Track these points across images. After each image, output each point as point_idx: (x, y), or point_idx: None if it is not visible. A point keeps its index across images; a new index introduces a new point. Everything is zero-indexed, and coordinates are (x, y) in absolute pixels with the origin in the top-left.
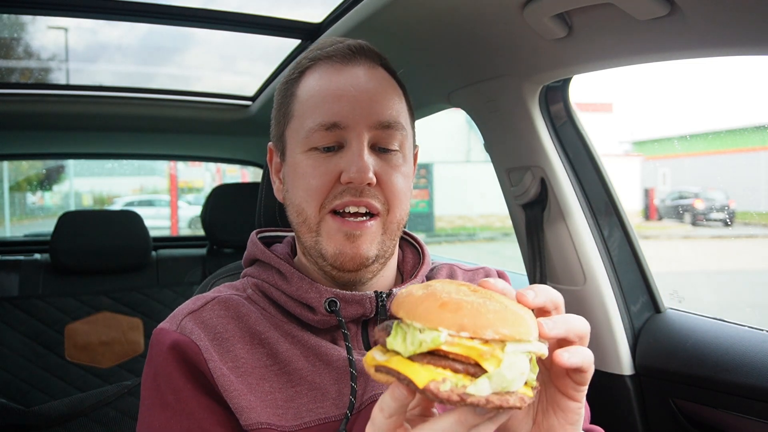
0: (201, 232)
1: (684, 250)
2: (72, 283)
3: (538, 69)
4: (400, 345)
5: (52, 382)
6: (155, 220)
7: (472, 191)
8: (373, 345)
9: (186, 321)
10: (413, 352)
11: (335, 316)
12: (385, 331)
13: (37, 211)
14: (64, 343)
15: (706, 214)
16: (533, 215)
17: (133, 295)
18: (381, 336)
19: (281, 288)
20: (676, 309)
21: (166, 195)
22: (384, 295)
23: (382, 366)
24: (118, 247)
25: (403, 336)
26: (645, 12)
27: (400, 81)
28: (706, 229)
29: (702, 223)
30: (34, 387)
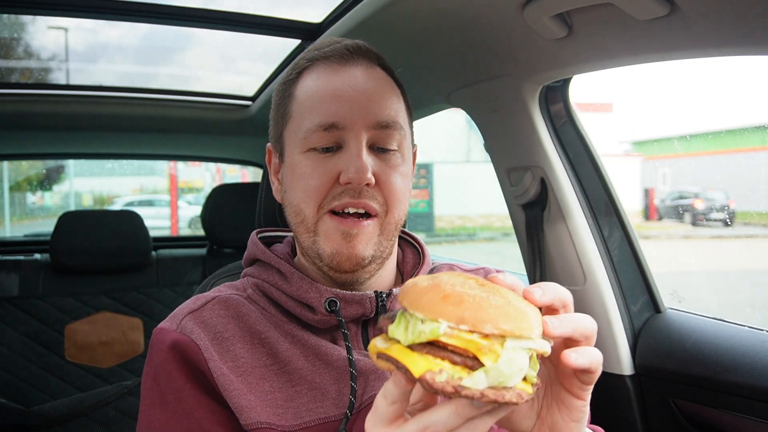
0: (201, 232)
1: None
2: (72, 283)
3: (538, 69)
4: (401, 334)
5: (52, 382)
6: (155, 220)
7: (472, 191)
8: (378, 333)
9: (186, 321)
10: (412, 341)
11: (335, 316)
12: (390, 319)
13: (37, 211)
14: (64, 343)
15: (706, 214)
16: (533, 215)
17: (133, 295)
18: (385, 324)
19: (281, 288)
20: (676, 309)
21: (166, 195)
22: (384, 295)
23: (383, 353)
24: (118, 247)
25: (406, 325)
26: (645, 12)
27: (397, 80)
28: (706, 229)
29: (702, 223)
30: (34, 387)
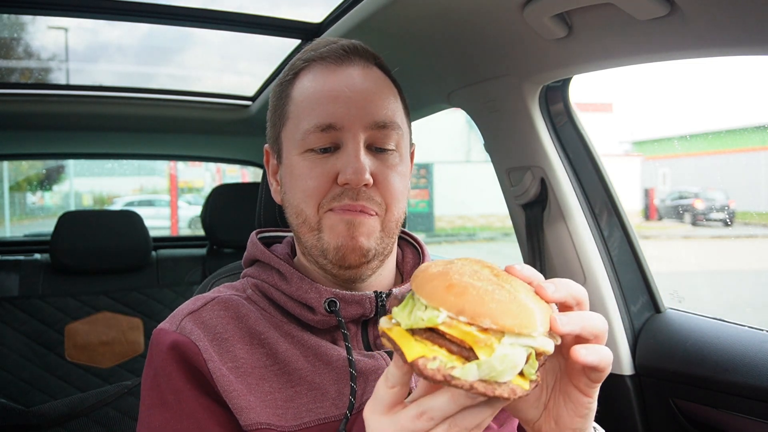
0: (201, 232)
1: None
2: (72, 283)
3: (538, 69)
4: (404, 317)
5: (52, 382)
6: (155, 220)
7: (472, 191)
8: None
9: (186, 321)
10: (411, 326)
11: (335, 317)
12: (398, 300)
13: (37, 211)
14: (64, 343)
15: (706, 214)
16: (533, 215)
17: (133, 295)
18: (393, 304)
19: (281, 288)
20: (676, 309)
21: (166, 195)
22: (384, 295)
23: (385, 333)
24: (118, 247)
25: (411, 308)
26: (645, 12)
27: (394, 80)
28: (706, 229)
29: (702, 223)
30: (34, 387)
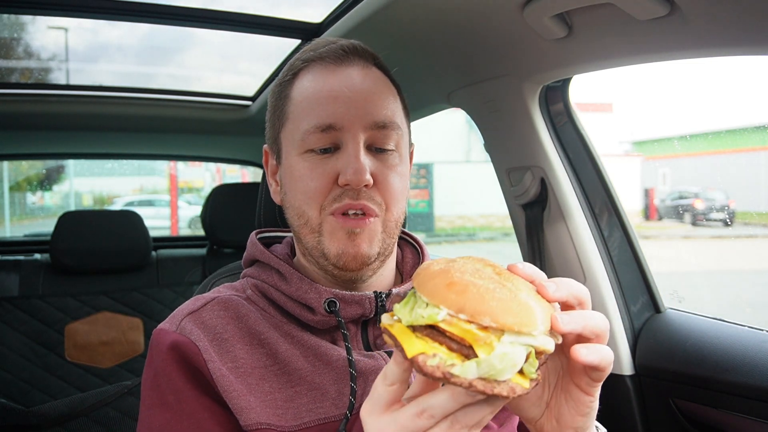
0: (201, 232)
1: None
2: (72, 283)
3: (538, 69)
4: (405, 313)
5: (52, 382)
6: (155, 220)
7: (472, 191)
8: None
9: (185, 321)
10: (411, 323)
11: (335, 317)
12: (400, 298)
13: (37, 211)
14: (64, 343)
15: (706, 214)
16: (533, 215)
17: (133, 295)
18: (395, 300)
19: (281, 288)
20: (676, 309)
21: (166, 195)
22: (383, 296)
23: (386, 329)
24: (118, 247)
25: (413, 305)
26: (645, 12)
27: (394, 80)
28: (706, 229)
29: (702, 223)
30: (34, 387)
